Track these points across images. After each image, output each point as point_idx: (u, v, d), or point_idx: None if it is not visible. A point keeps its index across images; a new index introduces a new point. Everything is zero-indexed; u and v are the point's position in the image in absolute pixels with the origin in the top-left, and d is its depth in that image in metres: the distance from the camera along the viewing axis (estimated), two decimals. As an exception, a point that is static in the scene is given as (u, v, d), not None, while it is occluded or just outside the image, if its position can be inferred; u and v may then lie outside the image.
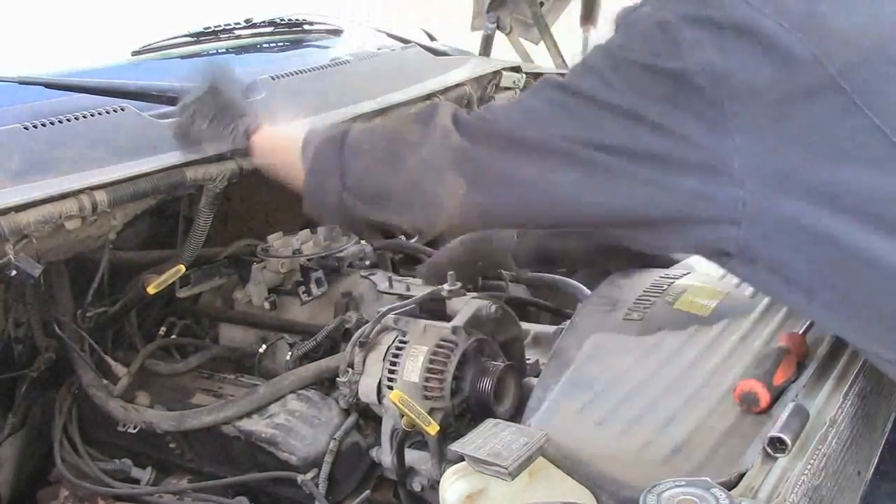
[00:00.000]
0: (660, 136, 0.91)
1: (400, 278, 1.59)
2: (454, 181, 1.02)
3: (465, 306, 1.28)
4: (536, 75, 2.14)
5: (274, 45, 2.05)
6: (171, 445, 1.40)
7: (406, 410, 1.16)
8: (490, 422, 1.03)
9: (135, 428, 1.38)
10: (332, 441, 1.26)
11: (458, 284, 1.33)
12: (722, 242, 0.95)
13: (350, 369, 1.28)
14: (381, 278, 1.56)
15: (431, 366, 1.21)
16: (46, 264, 1.24)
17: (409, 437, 1.21)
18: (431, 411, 1.18)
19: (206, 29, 1.86)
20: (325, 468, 1.25)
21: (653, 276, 1.35)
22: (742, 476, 0.92)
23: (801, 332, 1.16)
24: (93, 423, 1.47)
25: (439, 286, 1.34)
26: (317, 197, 1.16)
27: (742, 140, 0.88)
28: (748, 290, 1.28)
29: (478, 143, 1.02)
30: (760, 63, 0.88)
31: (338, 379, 1.29)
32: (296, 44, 2.08)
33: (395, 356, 1.25)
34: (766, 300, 1.31)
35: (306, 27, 2.09)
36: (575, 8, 2.36)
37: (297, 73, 1.69)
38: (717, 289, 1.30)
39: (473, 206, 1.04)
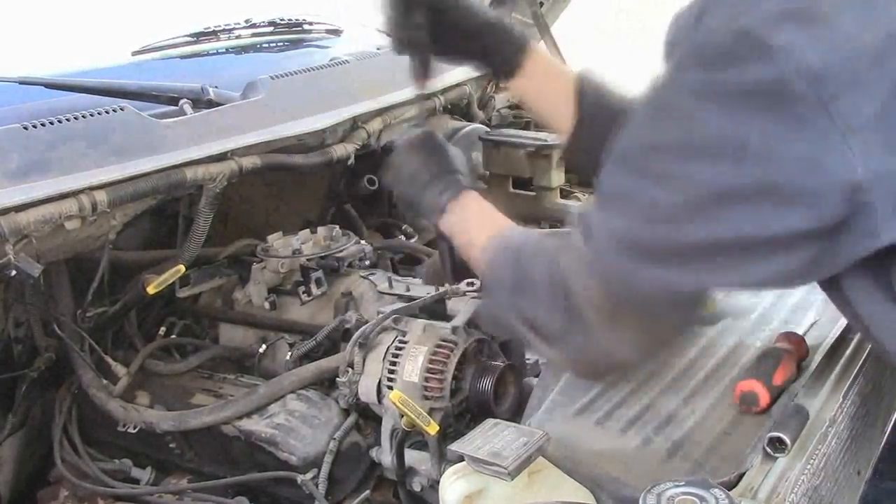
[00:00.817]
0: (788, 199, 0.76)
1: (400, 278, 1.59)
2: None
3: (465, 306, 1.28)
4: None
5: (274, 45, 2.05)
6: (171, 445, 1.40)
7: (406, 410, 1.16)
8: (490, 422, 1.03)
9: (135, 428, 1.38)
10: (332, 441, 1.26)
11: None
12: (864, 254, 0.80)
13: (350, 369, 1.28)
14: (380, 278, 1.56)
15: (431, 366, 1.21)
16: (46, 264, 1.24)
17: (409, 437, 1.21)
18: (431, 411, 1.18)
19: (206, 29, 1.86)
20: (325, 468, 1.25)
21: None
22: (742, 476, 0.92)
23: (801, 332, 1.16)
24: (93, 423, 1.47)
25: (445, 288, 1.33)
26: (492, 310, 1.09)
27: (856, 143, 0.74)
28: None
29: (617, 268, 0.87)
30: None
31: (338, 379, 1.29)
32: (296, 44, 2.08)
33: (395, 356, 1.25)
34: (766, 300, 1.31)
35: (306, 27, 2.09)
36: (574, 7, 2.36)
37: (297, 73, 1.69)
38: (716, 289, 1.30)
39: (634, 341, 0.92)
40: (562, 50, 2.29)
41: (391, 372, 1.24)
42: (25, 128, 1.26)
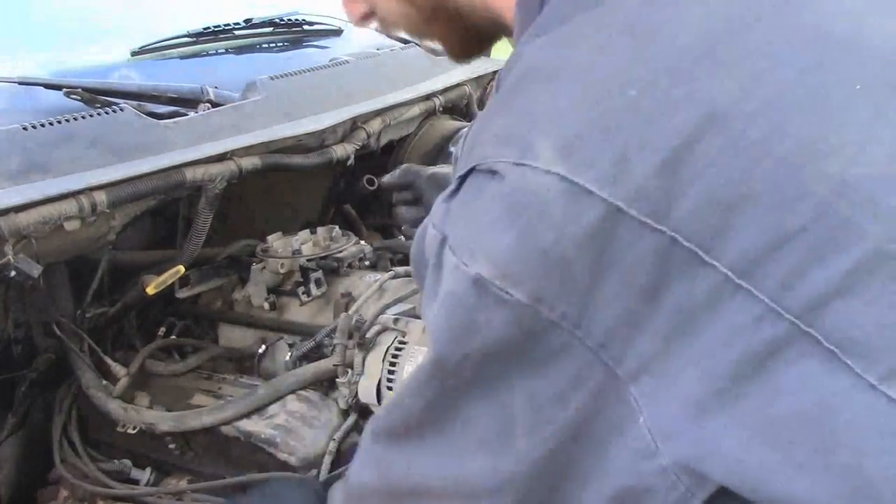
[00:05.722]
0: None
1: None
2: None
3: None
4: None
5: (274, 45, 2.05)
6: (171, 446, 1.40)
7: (406, 411, 1.16)
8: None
9: (134, 428, 1.38)
10: (332, 442, 1.26)
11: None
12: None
13: (350, 370, 1.28)
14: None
15: (431, 367, 1.20)
16: (46, 265, 1.24)
17: (409, 437, 1.21)
18: (431, 412, 1.17)
19: (205, 29, 1.86)
20: (325, 469, 1.25)
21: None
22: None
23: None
24: (92, 423, 1.47)
25: None
26: None
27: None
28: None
29: None
30: None
31: (337, 380, 1.29)
32: (295, 44, 2.07)
33: (395, 357, 1.24)
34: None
35: (306, 27, 2.08)
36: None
37: (297, 73, 1.69)
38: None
39: None
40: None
41: (391, 373, 1.23)
42: (25, 128, 1.26)
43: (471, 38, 0.81)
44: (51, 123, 1.29)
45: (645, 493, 0.56)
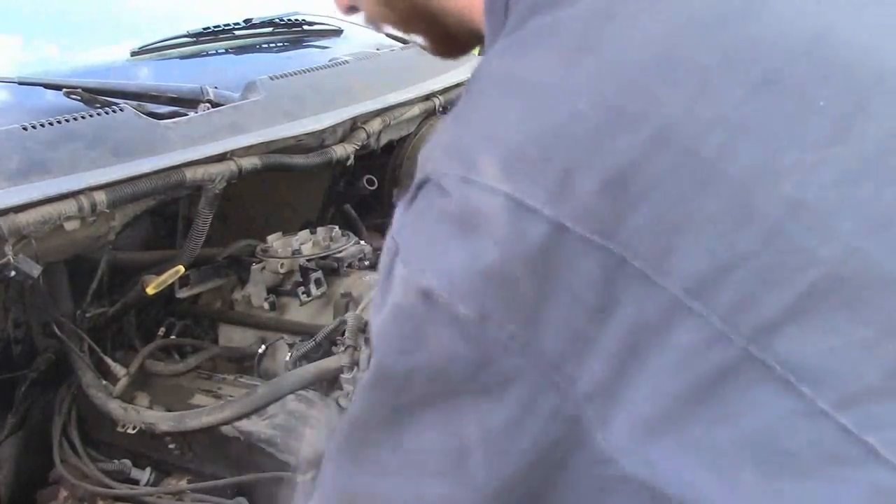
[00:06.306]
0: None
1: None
2: None
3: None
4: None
5: (273, 45, 2.05)
6: (171, 446, 1.40)
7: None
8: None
9: (134, 428, 1.38)
10: (332, 442, 1.26)
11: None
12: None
13: (356, 367, 1.27)
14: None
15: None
16: (46, 265, 1.24)
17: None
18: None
19: (205, 29, 1.86)
20: (325, 469, 1.25)
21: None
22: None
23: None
24: (92, 423, 1.47)
25: None
26: None
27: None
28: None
29: None
30: None
31: (342, 376, 1.29)
32: (295, 44, 2.07)
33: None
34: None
35: (306, 27, 2.08)
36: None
37: (297, 73, 1.69)
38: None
39: None
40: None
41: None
42: (25, 128, 1.26)
43: (451, 43, 0.80)
44: (51, 123, 1.29)
45: (609, 498, 0.55)
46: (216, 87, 1.58)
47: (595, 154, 0.51)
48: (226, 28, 1.89)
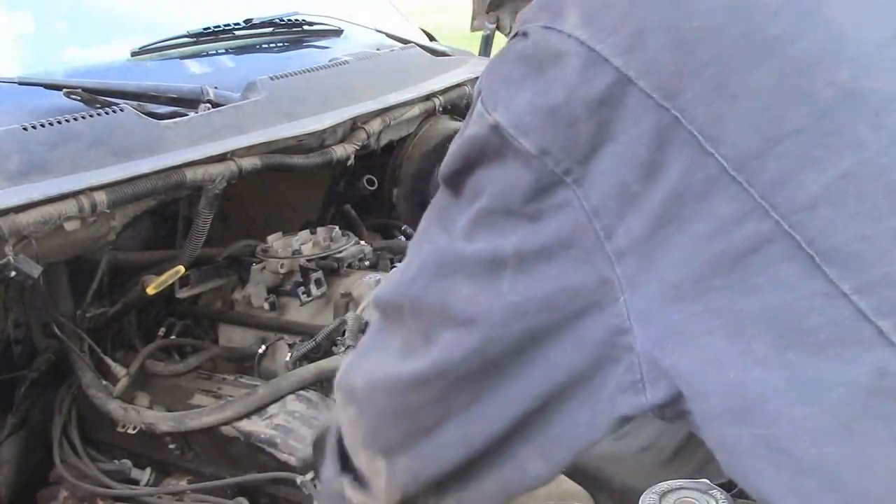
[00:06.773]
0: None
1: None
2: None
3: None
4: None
5: (273, 45, 2.04)
6: (171, 446, 1.40)
7: (406, 411, 1.15)
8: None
9: (134, 428, 1.38)
10: (332, 442, 1.26)
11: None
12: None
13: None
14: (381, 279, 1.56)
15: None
16: (46, 265, 1.24)
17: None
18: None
19: (205, 29, 1.86)
20: (325, 469, 1.25)
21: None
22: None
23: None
24: (92, 423, 1.47)
25: None
26: None
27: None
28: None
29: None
30: None
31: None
32: (295, 44, 2.07)
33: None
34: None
35: (306, 27, 2.08)
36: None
37: (297, 74, 1.69)
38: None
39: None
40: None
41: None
42: (25, 128, 1.26)
43: None
44: (51, 123, 1.29)
45: (603, 364, 0.58)
46: (216, 88, 1.58)
47: (670, 16, 0.55)
48: (226, 28, 1.89)
